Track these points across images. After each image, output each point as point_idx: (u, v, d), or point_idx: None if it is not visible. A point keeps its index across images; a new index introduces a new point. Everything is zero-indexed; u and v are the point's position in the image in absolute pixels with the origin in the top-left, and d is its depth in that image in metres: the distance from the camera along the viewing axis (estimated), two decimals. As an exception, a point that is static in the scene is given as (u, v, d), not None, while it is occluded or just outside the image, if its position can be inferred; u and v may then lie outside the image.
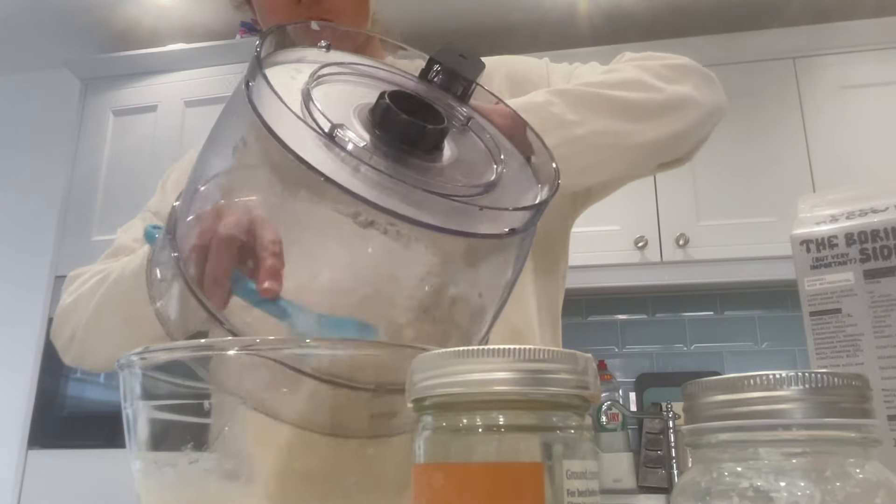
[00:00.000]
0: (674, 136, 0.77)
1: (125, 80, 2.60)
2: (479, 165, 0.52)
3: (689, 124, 0.78)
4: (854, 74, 2.31)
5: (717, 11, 2.55)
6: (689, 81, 0.80)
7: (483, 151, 0.54)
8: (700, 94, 0.80)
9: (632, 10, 2.54)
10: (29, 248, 2.73)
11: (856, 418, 0.27)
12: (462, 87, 0.57)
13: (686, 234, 2.25)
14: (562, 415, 0.29)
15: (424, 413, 0.30)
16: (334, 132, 0.44)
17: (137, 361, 0.43)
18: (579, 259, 2.24)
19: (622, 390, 2.45)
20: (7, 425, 2.42)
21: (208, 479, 0.41)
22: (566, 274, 0.95)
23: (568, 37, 2.63)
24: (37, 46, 2.88)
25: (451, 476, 0.28)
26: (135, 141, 2.47)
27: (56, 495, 2.16)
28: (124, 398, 0.44)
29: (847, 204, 0.48)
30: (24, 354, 2.39)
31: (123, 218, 0.95)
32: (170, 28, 2.72)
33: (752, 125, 2.30)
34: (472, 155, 0.53)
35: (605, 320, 2.55)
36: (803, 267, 0.47)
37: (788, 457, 0.27)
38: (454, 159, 0.51)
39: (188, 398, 0.43)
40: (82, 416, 2.25)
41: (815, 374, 0.27)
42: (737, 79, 2.33)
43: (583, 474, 0.28)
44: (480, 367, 0.29)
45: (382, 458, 0.42)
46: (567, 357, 0.29)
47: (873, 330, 0.44)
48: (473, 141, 0.55)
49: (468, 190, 0.48)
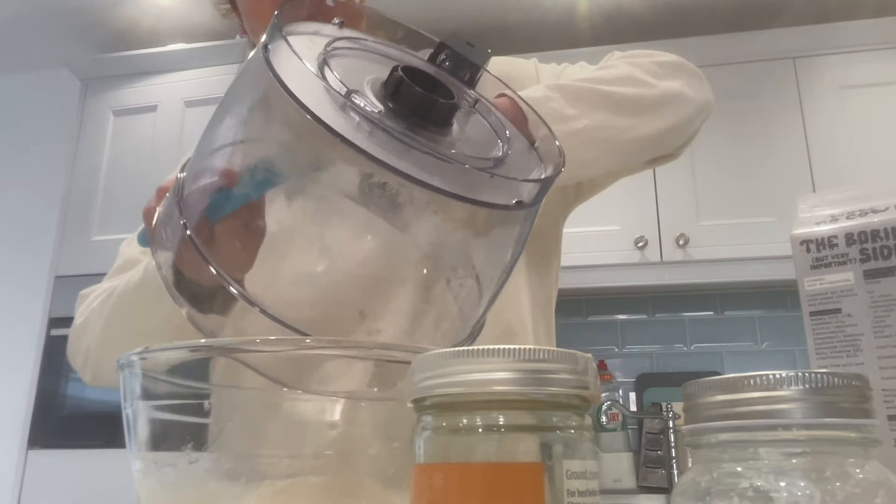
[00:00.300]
0: (667, 130, 0.79)
1: (125, 80, 2.60)
2: (486, 143, 0.53)
3: (682, 119, 0.80)
4: (854, 74, 2.31)
5: (717, 11, 2.55)
6: (679, 78, 0.82)
7: (489, 132, 0.55)
8: (690, 91, 0.81)
9: (632, 10, 2.54)
10: (29, 248, 2.73)
11: (856, 418, 0.27)
12: (469, 72, 0.57)
13: (686, 234, 2.25)
14: (562, 415, 0.29)
15: (424, 413, 0.30)
16: (351, 96, 0.44)
17: (137, 361, 0.43)
18: (579, 259, 2.26)
19: (622, 390, 2.45)
20: (7, 425, 2.42)
21: (208, 479, 0.41)
22: (559, 273, 0.96)
23: (568, 37, 2.63)
24: (37, 46, 2.88)
25: (451, 476, 0.28)
26: (135, 141, 2.47)
27: (56, 495, 2.16)
28: (124, 398, 0.44)
29: (847, 204, 0.48)
30: (24, 354, 2.39)
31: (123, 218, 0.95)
32: (170, 28, 2.72)
33: (752, 125, 2.30)
34: (479, 134, 0.53)
35: (605, 320, 2.55)
36: (803, 267, 0.47)
37: (788, 457, 0.27)
38: (462, 136, 0.51)
39: (188, 398, 0.43)
40: (82, 416, 2.25)
41: (815, 374, 0.27)
42: (737, 79, 2.33)
43: (583, 474, 0.28)
44: (480, 367, 0.29)
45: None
46: (567, 357, 0.29)
47: (873, 330, 0.44)
48: (480, 122, 0.55)
49: (478, 162, 0.48)
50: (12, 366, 2.56)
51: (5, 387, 2.58)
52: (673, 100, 0.79)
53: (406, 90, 0.48)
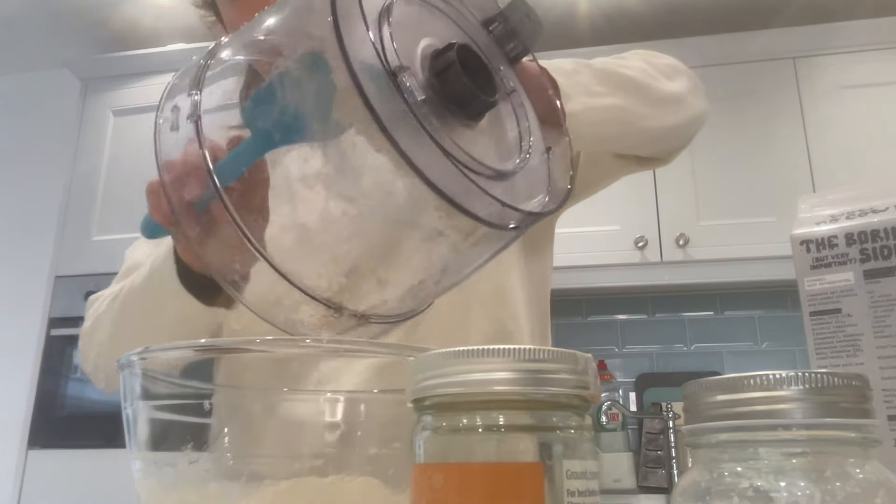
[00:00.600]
0: (675, 128, 0.82)
1: (125, 80, 2.60)
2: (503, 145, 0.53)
3: (686, 120, 0.83)
4: (854, 74, 2.31)
5: (717, 11, 2.55)
6: (685, 83, 0.84)
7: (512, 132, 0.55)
8: (692, 97, 0.84)
9: (632, 10, 2.54)
10: (29, 248, 2.73)
11: (856, 418, 0.27)
12: (516, 51, 0.57)
13: (686, 234, 2.25)
14: (562, 415, 0.29)
15: (424, 413, 0.30)
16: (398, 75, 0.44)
17: (137, 361, 0.43)
18: (579, 259, 2.26)
19: (622, 390, 2.45)
20: (7, 425, 2.42)
21: (208, 480, 0.41)
22: (552, 273, 0.97)
23: (568, 37, 2.63)
24: (37, 46, 2.88)
25: (451, 476, 0.28)
26: (135, 141, 2.47)
27: (56, 495, 2.17)
28: (124, 398, 0.44)
29: (847, 204, 0.48)
30: (24, 354, 2.39)
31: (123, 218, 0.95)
32: (170, 28, 2.72)
33: (752, 125, 2.30)
34: (500, 131, 0.53)
35: (605, 320, 2.55)
36: (803, 267, 0.47)
37: (788, 457, 0.27)
38: (488, 132, 0.51)
39: (188, 398, 0.43)
40: (82, 416, 2.25)
41: (815, 374, 0.27)
42: (737, 79, 2.33)
43: (583, 474, 0.28)
44: (480, 367, 0.29)
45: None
46: (567, 357, 0.29)
47: (873, 330, 0.44)
48: (507, 115, 0.55)
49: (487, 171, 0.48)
50: (12, 366, 2.56)
51: (5, 387, 2.58)
52: (680, 101, 0.82)
53: (454, 77, 0.47)
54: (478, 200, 0.44)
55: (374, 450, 0.42)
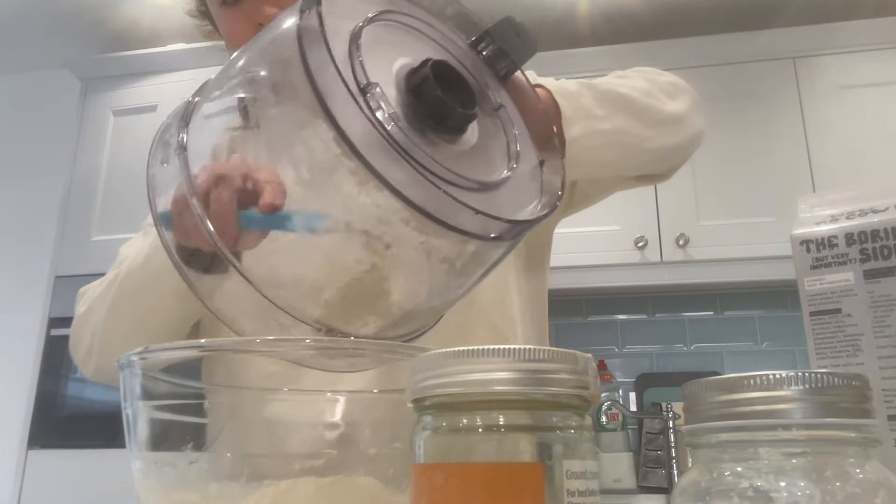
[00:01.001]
0: (675, 148, 0.82)
1: (125, 80, 2.60)
2: (491, 159, 0.52)
3: (686, 139, 0.83)
4: (854, 74, 2.31)
5: (717, 11, 2.55)
6: (686, 102, 0.84)
7: (502, 144, 0.54)
8: (693, 116, 0.84)
9: (632, 10, 2.54)
10: (29, 248, 2.73)
11: (856, 418, 0.27)
12: (506, 69, 0.57)
13: (686, 234, 2.25)
14: (562, 415, 0.29)
15: (424, 413, 0.30)
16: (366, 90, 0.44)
17: (137, 361, 0.43)
18: (579, 259, 2.26)
19: (622, 390, 2.45)
20: (7, 425, 2.42)
21: (208, 480, 0.41)
22: (549, 277, 0.97)
23: (568, 37, 2.63)
24: (37, 46, 2.88)
25: (451, 476, 0.28)
26: (135, 141, 2.47)
27: (56, 495, 2.16)
28: (124, 398, 0.44)
29: (847, 204, 0.48)
30: (24, 354, 2.39)
31: (123, 218, 0.95)
32: (170, 28, 2.72)
33: (752, 125, 2.30)
34: (489, 145, 0.53)
35: (605, 320, 2.55)
36: (803, 267, 0.47)
37: (788, 457, 0.27)
38: (470, 145, 0.51)
39: (188, 398, 0.43)
40: (82, 416, 2.25)
41: (815, 374, 0.27)
42: (737, 79, 2.33)
43: (583, 474, 0.28)
44: (480, 367, 0.29)
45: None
46: (567, 357, 0.29)
47: (873, 330, 0.44)
48: (495, 131, 0.54)
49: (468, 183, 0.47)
50: (12, 366, 2.56)
51: (5, 387, 2.58)
52: (681, 120, 0.82)
53: (428, 91, 0.47)
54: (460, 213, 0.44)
55: (374, 450, 0.42)
